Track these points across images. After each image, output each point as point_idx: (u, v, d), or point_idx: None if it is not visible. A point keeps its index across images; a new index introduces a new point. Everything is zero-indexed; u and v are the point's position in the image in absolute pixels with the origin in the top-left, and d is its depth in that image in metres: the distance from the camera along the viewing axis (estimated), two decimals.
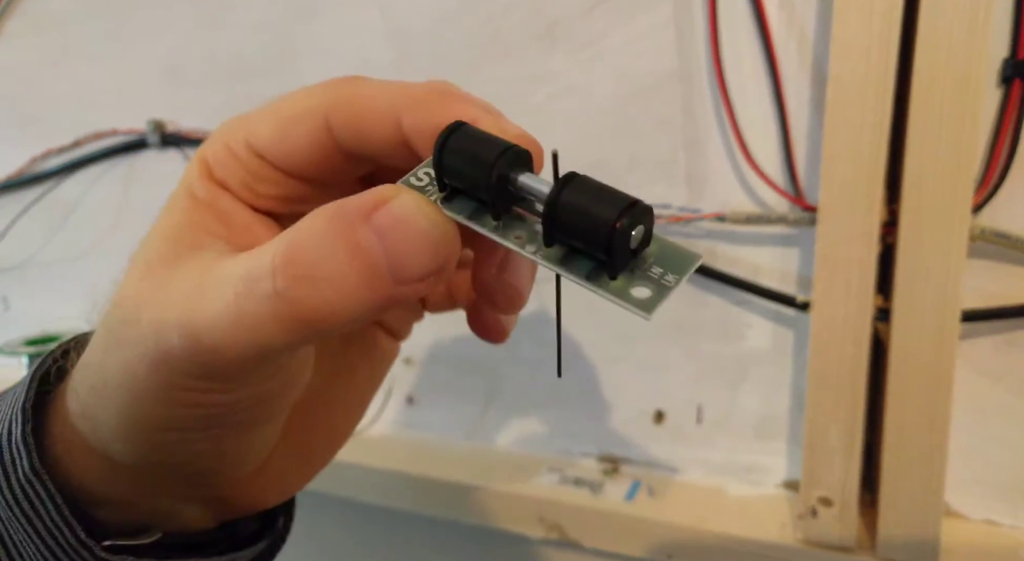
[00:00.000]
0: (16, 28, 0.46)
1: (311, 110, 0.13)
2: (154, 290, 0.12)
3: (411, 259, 0.11)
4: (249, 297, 0.11)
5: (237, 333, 0.11)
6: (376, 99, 0.12)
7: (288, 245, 0.11)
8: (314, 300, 0.11)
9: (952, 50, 0.24)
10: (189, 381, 0.12)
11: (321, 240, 0.11)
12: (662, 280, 0.10)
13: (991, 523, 0.31)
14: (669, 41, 0.31)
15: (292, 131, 0.13)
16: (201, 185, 0.13)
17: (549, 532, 0.34)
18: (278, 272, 0.11)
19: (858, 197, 0.26)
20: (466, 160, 0.10)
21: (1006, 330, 0.29)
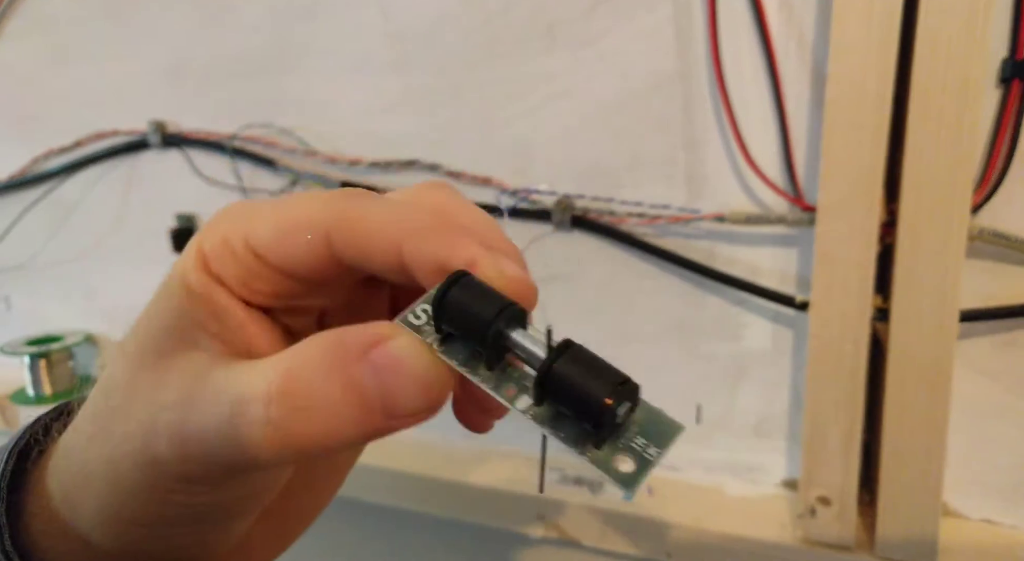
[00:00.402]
0: (17, 28, 0.46)
1: (313, 222, 0.13)
2: (146, 387, 0.13)
3: (404, 399, 0.11)
4: (242, 418, 0.11)
5: (226, 450, 0.11)
6: (379, 224, 0.12)
7: (284, 374, 0.11)
8: (306, 430, 0.11)
9: (951, 50, 0.24)
10: (175, 484, 0.12)
11: (317, 372, 0.11)
12: (645, 453, 0.11)
13: (989, 522, 0.31)
14: (669, 42, 0.31)
15: (292, 238, 0.13)
16: (197, 277, 0.13)
17: (549, 531, 0.34)
18: (273, 401, 0.11)
19: (857, 197, 0.26)
20: (465, 314, 0.11)
21: (1004, 330, 0.29)
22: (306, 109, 0.39)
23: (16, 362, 0.49)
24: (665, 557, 0.32)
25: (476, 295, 0.11)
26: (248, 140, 0.41)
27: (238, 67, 0.40)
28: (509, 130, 0.35)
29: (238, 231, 0.13)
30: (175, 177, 0.44)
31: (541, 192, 0.34)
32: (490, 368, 0.11)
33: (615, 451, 0.11)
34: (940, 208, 0.26)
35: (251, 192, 0.42)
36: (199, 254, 0.13)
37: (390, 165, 0.38)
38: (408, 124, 0.37)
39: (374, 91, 0.37)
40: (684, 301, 0.34)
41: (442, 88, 0.36)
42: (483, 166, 0.36)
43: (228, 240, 0.13)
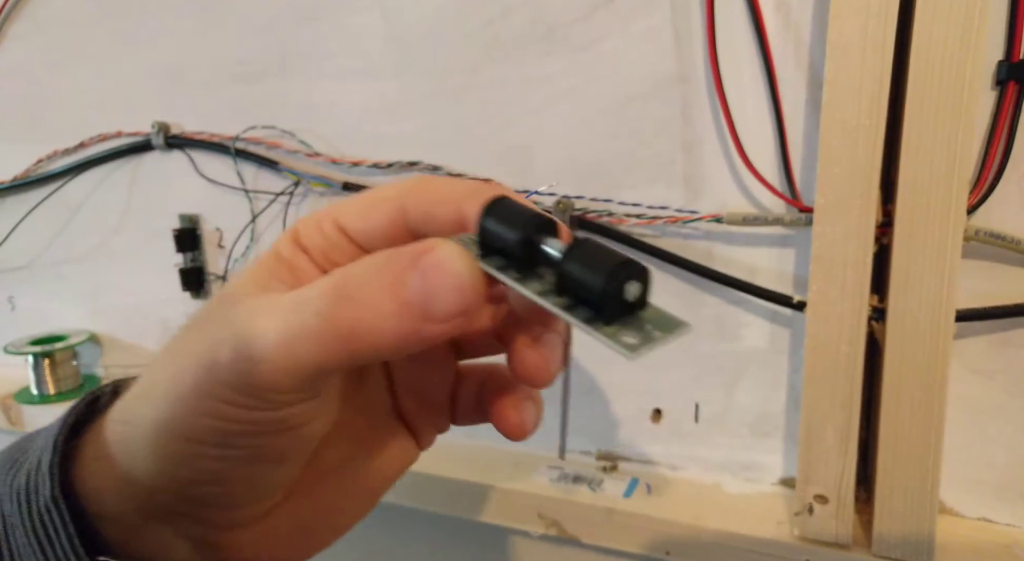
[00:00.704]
0: (21, 30, 0.46)
1: (391, 196, 0.16)
2: (219, 318, 0.15)
3: (442, 297, 0.13)
4: (296, 313, 0.13)
5: (280, 347, 0.13)
6: (443, 189, 0.15)
7: (340, 273, 0.13)
8: (352, 320, 0.12)
9: (947, 52, 0.25)
10: (227, 392, 0.13)
11: (369, 272, 0.13)
12: (652, 334, 0.12)
13: (986, 521, 0.31)
14: (667, 44, 0.31)
15: (374, 210, 0.16)
16: (286, 246, 0.16)
17: (548, 528, 0.35)
18: (325, 293, 0.13)
19: (853, 198, 0.27)
20: (502, 225, 0.13)
21: (1000, 329, 0.29)
22: (308, 111, 0.39)
23: (20, 361, 0.50)
24: (663, 555, 0.32)
25: (513, 210, 0.13)
26: (251, 142, 0.41)
27: (241, 69, 0.40)
28: (509, 132, 0.35)
29: (330, 213, 0.16)
30: (178, 178, 0.44)
31: (541, 193, 0.35)
32: (519, 271, 0.12)
33: (623, 327, 0.12)
34: (936, 209, 0.26)
35: (254, 193, 0.42)
36: (293, 231, 0.16)
37: (392, 166, 0.38)
38: (409, 126, 0.37)
39: (376, 93, 0.37)
40: (682, 301, 0.34)
41: (443, 90, 0.36)
42: (484, 167, 0.36)
43: (319, 220, 0.16)
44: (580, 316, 0.12)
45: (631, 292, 0.12)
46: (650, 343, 0.12)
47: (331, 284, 0.13)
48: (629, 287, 0.12)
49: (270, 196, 0.42)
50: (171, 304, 0.47)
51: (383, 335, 0.12)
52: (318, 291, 0.13)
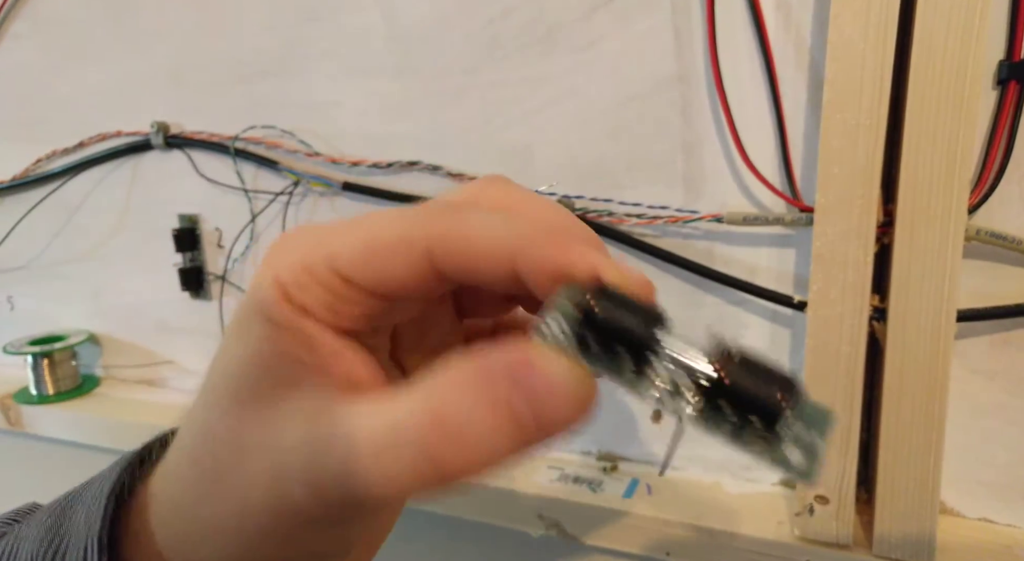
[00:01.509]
0: (21, 29, 0.46)
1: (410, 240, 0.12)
2: (258, 434, 0.12)
3: (559, 416, 0.11)
4: (391, 454, 0.11)
5: (372, 487, 0.11)
6: (487, 240, 0.12)
7: (434, 403, 0.11)
8: (460, 461, 0.11)
9: (947, 52, 0.25)
10: (308, 527, 0.12)
11: (467, 401, 0.11)
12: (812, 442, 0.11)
13: (987, 521, 0.31)
14: (667, 44, 0.31)
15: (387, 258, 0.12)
16: (279, 310, 0.12)
17: (549, 529, 0.35)
18: (426, 432, 0.11)
19: (854, 198, 0.27)
20: (615, 323, 0.11)
21: (1001, 329, 0.29)
22: (308, 111, 0.39)
23: (19, 362, 0.50)
24: (664, 555, 0.32)
25: (619, 303, 0.11)
26: (250, 141, 0.41)
27: (241, 69, 0.40)
28: (509, 132, 0.35)
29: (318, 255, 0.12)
30: (178, 178, 0.44)
31: (541, 193, 0.34)
32: (639, 373, 0.11)
33: (782, 443, 0.11)
34: (937, 209, 0.26)
35: (253, 193, 0.42)
36: (277, 285, 0.12)
37: (391, 166, 0.38)
38: (409, 126, 0.37)
39: (376, 93, 0.37)
40: (683, 301, 0.34)
41: (443, 90, 0.36)
42: (484, 168, 0.36)
43: (309, 266, 0.12)
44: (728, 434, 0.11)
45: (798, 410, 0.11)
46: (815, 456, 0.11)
47: (430, 419, 0.11)
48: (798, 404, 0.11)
49: (270, 196, 0.41)
50: (170, 304, 0.47)
51: (499, 461, 0.11)
52: (412, 418, 0.11)
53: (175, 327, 0.48)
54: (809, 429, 0.11)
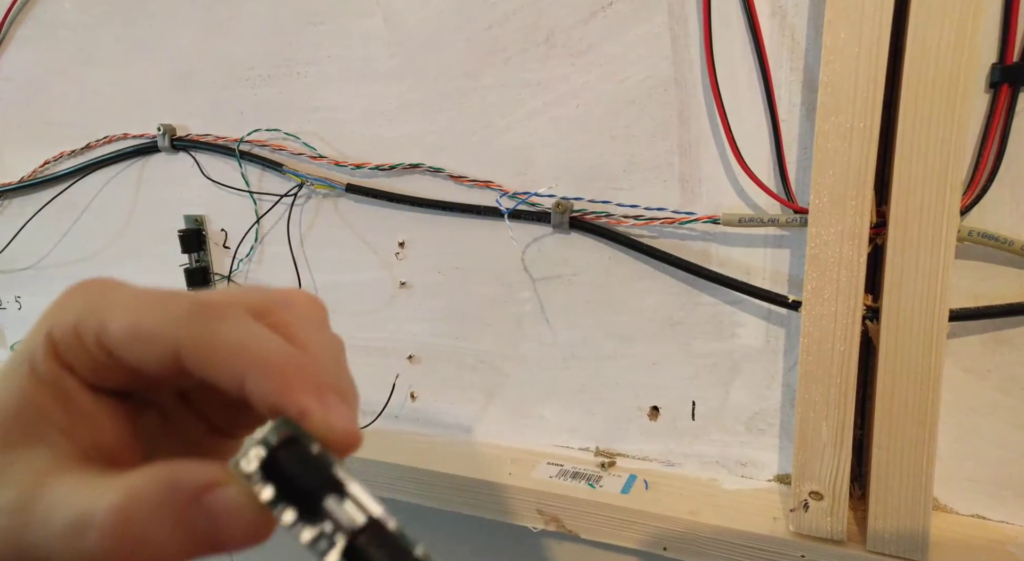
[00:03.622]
0: (28, 33, 0.47)
1: (166, 334, 0.13)
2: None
3: (232, 538, 0.12)
4: (81, 535, 0.12)
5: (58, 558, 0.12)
6: (224, 355, 0.13)
7: (121, 508, 0.12)
8: (136, 555, 0.12)
9: (941, 55, 0.25)
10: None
11: (153, 508, 0.12)
12: None
13: (980, 518, 0.31)
14: (664, 48, 0.31)
15: (145, 346, 0.13)
16: (46, 364, 0.13)
17: (548, 524, 0.35)
18: (107, 531, 0.12)
19: (848, 199, 0.27)
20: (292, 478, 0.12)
21: (993, 329, 0.29)
22: (312, 114, 0.40)
23: None
24: (661, 550, 0.33)
25: (301, 460, 0.12)
26: (255, 144, 0.42)
27: (245, 73, 0.41)
28: (510, 135, 0.35)
29: (90, 323, 0.13)
30: (184, 180, 0.45)
31: (541, 195, 0.35)
32: (306, 521, 0.12)
33: None
34: (930, 210, 0.26)
35: (258, 195, 0.43)
36: (48, 340, 0.13)
37: (394, 168, 0.38)
38: (411, 129, 0.38)
39: (378, 97, 0.38)
40: (679, 300, 0.34)
41: (444, 94, 0.36)
42: (484, 169, 0.37)
43: (79, 330, 0.13)
44: None
45: None
46: None
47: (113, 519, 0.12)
48: None
49: (274, 198, 0.42)
50: None
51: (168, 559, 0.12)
52: (100, 520, 0.12)
53: None
54: None
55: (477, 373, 0.40)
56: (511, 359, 0.39)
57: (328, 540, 0.12)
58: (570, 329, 0.37)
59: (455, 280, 0.39)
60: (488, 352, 0.39)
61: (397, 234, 0.40)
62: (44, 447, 0.13)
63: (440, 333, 0.40)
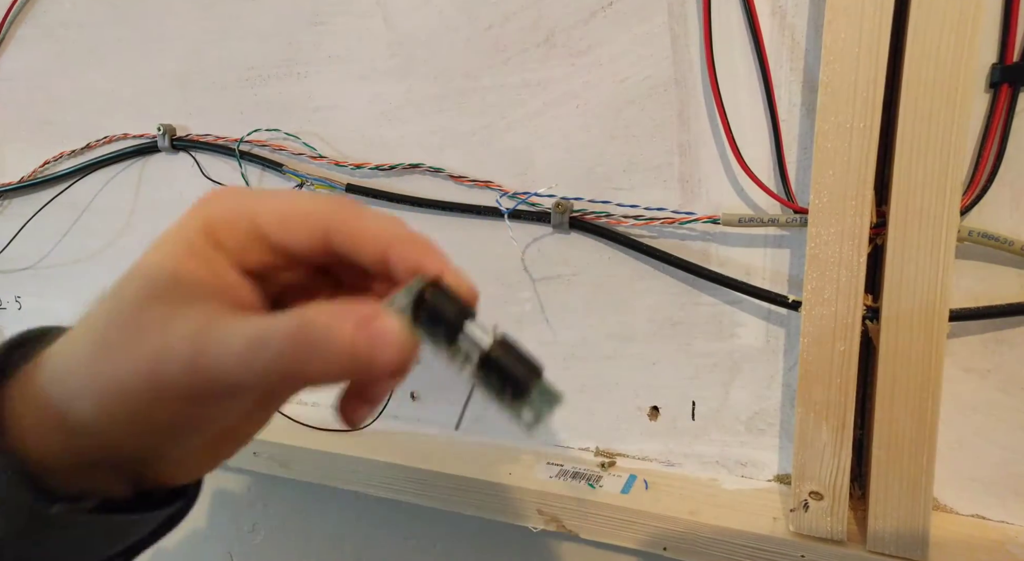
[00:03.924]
0: (28, 33, 0.47)
1: (314, 213, 0.16)
2: (157, 321, 0.15)
3: (385, 358, 0.15)
4: (261, 350, 0.15)
5: (240, 376, 0.15)
6: (373, 230, 0.16)
7: (302, 324, 0.15)
8: (309, 368, 0.15)
9: (941, 56, 0.25)
10: (175, 400, 0.15)
11: (327, 330, 0.15)
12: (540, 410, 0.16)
13: (980, 518, 0.31)
14: (664, 49, 0.31)
15: (296, 225, 0.16)
16: (201, 242, 0.16)
17: (548, 524, 0.35)
18: (289, 340, 0.15)
19: (848, 199, 0.27)
20: (438, 309, 0.16)
21: (994, 328, 0.29)
22: (312, 114, 0.40)
23: None
24: (661, 550, 0.33)
25: (446, 298, 0.16)
26: (255, 144, 0.42)
27: (245, 73, 0.41)
28: (510, 135, 0.35)
29: (245, 210, 0.16)
30: (184, 180, 0.45)
31: (541, 195, 0.35)
32: (448, 345, 0.16)
33: (523, 405, 0.16)
34: (930, 210, 0.26)
35: None
36: (206, 223, 0.16)
37: (394, 168, 0.38)
38: (411, 129, 0.38)
39: (378, 97, 0.38)
40: (679, 300, 0.34)
41: (444, 94, 0.36)
42: (485, 170, 0.37)
43: (234, 218, 0.16)
44: (492, 392, 0.16)
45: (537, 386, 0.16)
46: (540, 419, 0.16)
47: (297, 333, 0.14)
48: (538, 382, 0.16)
49: None
50: None
51: (334, 378, 0.15)
52: (281, 333, 0.14)
53: None
54: (542, 401, 0.16)
55: None
56: None
57: (464, 356, 0.16)
58: (570, 329, 0.37)
59: None
60: None
61: None
62: (203, 302, 0.16)
63: None
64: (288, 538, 0.47)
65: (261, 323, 0.15)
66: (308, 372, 0.14)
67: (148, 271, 0.16)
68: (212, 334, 0.15)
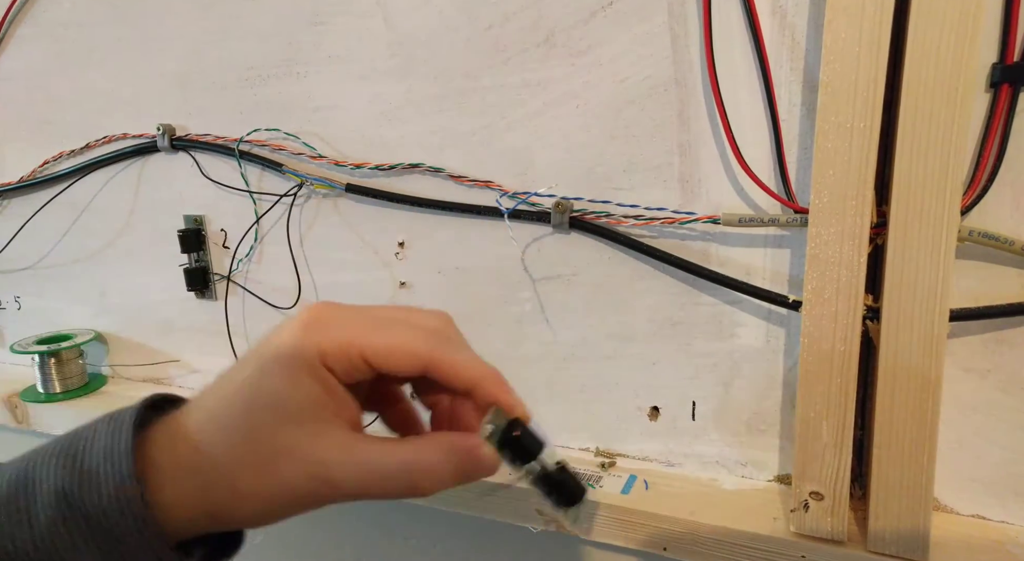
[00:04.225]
0: (28, 33, 0.47)
1: (419, 354, 0.20)
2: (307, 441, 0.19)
3: (480, 474, 0.21)
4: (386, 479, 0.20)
5: (357, 494, 0.19)
6: (463, 370, 0.21)
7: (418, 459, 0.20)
8: (422, 487, 0.20)
9: (941, 55, 0.25)
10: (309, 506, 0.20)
11: (441, 460, 0.20)
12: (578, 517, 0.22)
13: (980, 518, 0.31)
14: (664, 48, 0.31)
15: (400, 361, 0.20)
16: (319, 369, 0.20)
17: (548, 524, 0.35)
18: (412, 475, 0.20)
19: (848, 199, 0.27)
20: (524, 444, 0.21)
21: (994, 328, 0.29)
22: (312, 114, 0.40)
23: (27, 360, 0.50)
24: (661, 551, 0.33)
25: (530, 436, 0.21)
26: (255, 144, 0.42)
27: (245, 73, 0.41)
28: (510, 135, 0.35)
29: (355, 344, 0.20)
30: (183, 180, 0.45)
31: (541, 195, 0.35)
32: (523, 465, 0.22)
33: (569, 511, 0.22)
34: (930, 210, 0.26)
35: (258, 195, 0.43)
36: (321, 353, 0.20)
37: (394, 168, 0.38)
38: (411, 129, 0.38)
39: (378, 97, 0.38)
40: (679, 300, 0.34)
41: (444, 94, 0.36)
42: (485, 170, 0.37)
43: (346, 348, 0.20)
44: (549, 499, 0.22)
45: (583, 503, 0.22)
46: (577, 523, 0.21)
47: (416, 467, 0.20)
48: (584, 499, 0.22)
49: (274, 197, 0.42)
50: (176, 303, 0.48)
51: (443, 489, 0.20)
52: (396, 464, 0.20)
53: (181, 326, 0.48)
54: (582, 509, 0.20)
55: None
56: (511, 359, 0.39)
57: (527, 472, 0.21)
58: (570, 329, 0.37)
59: (455, 280, 0.39)
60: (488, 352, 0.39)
61: (397, 234, 0.40)
62: (337, 425, 0.20)
63: None
64: (288, 538, 0.47)
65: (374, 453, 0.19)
66: (425, 490, 0.20)
67: (273, 396, 0.19)
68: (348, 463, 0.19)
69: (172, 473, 0.19)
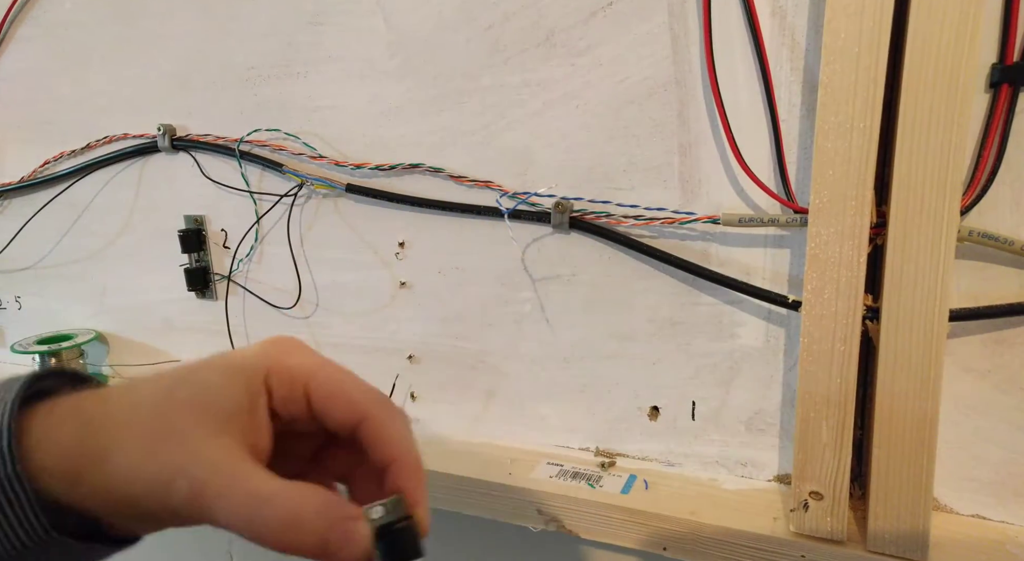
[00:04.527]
0: (28, 33, 0.47)
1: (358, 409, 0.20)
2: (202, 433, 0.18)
3: (337, 553, 0.18)
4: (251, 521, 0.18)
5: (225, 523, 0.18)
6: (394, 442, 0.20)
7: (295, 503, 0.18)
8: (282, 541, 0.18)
9: (941, 56, 0.25)
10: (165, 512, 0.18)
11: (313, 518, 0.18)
12: None
13: (980, 518, 0.31)
14: (664, 48, 0.31)
15: (338, 408, 0.20)
16: (258, 386, 0.19)
17: (548, 524, 0.35)
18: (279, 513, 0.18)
19: (848, 199, 0.27)
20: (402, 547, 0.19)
21: (993, 328, 0.29)
22: (312, 114, 0.40)
23: (27, 360, 0.50)
24: (661, 550, 0.33)
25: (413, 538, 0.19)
26: (255, 144, 0.42)
27: (245, 73, 0.41)
28: (510, 135, 0.36)
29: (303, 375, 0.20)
30: (184, 180, 0.45)
31: (541, 195, 0.35)
32: None
33: None
34: (930, 210, 0.26)
35: (258, 195, 0.43)
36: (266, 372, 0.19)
37: (394, 168, 0.38)
38: (411, 129, 0.38)
39: (378, 97, 0.38)
40: (679, 300, 0.34)
41: (444, 94, 0.36)
42: (484, 170, 0.37)
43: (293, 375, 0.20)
44: None
45: None
46: None
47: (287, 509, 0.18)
48: None
49: (274, 198, 0.42)
50: (176, 303, 0.48)
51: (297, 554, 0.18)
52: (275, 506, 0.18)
53: (181, 326, 0.48)
54: None
55: (477, 373, 0.40)
56: (511, 359, 0.39)
57: None
58: (570, 329, 0.37)
59: (455, 280, 0.39)
60: (488, 352, 0.39)
61: (397, 234, 0.40)
62: (231, 437, 0.19)
63: (440, 333, 0.40)
64: None
65: (262, 488, 0.18)
66: (281, 546, 0.17)
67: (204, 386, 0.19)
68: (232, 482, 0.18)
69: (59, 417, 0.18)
